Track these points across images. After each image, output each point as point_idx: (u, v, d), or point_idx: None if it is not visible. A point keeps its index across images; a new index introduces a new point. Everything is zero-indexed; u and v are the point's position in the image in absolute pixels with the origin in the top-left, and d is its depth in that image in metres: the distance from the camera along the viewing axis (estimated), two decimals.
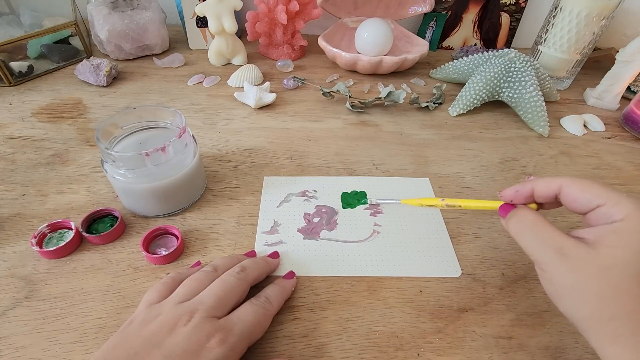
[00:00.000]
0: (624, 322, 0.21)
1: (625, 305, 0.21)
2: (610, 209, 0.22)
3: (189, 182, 0.36)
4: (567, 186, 0.24)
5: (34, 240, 0.32)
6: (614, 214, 0.22)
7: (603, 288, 0.21)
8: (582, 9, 0.54)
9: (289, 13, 0.61)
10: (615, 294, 0.21)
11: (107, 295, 0.30)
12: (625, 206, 0.22)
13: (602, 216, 0.23)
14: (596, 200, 0.23)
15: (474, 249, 0.36)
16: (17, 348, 0.27)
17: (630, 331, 0.20)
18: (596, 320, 0.21)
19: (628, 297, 0.21)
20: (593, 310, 0.22)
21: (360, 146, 0.48)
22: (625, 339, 0.20)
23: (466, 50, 0.71)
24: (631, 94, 0.61)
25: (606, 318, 0.21)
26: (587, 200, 0.24)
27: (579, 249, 0.22)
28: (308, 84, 0.60)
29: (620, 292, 0.21)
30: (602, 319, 0.21)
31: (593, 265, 0.22)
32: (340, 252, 0.35)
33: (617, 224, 0.22)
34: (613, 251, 0.21)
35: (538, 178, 0.26)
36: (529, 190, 0.26)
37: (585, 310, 0.22)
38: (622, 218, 0.22)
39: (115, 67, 0.58)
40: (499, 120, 0.54)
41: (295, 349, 0.28)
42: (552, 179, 0.25)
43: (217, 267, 0.29)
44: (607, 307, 0.21)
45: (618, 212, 0.22)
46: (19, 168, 0.42)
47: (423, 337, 0.29)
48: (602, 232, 0.22)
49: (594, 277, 0.21)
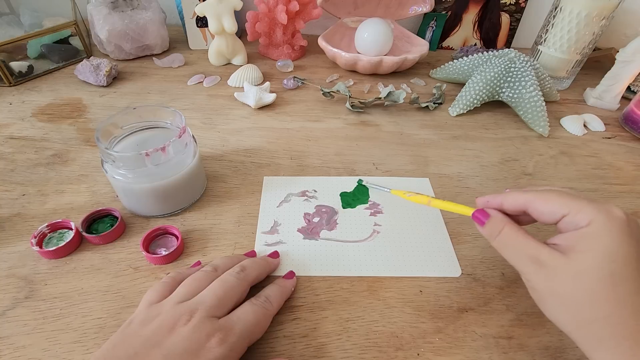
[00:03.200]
0: (602, 326, 0.21)
1: (602, 310, 0.21)
2: (575, 217, 0.23)
3: (189, 182, 0.36)
4: (532, 202, 0.25)
5: (34, 240, 0.32)
6: (579, 221, 0.23)
7: (579, 294, 0.22)
8: (582, 9, 0.54)
9: (289, 13, 0.61)
10: (591, 298, 0.21)
11: (107, 295, 0.30)
12: (588, 212, 0.23)
13: (569, 225, 0.24)
14: (560, 211, 0.24)
15: (474, 249, 0.36)
16: (17, 348, 0.27)
17: (610, 335, 0.21)
18: (577, 326, 0.22)
19: (603, 301, 0.21)
20: (573, 316, 0.22)
21: (360, 146, 0.48)
22: (607, 343, 0.21)
23: (466, 50, 0.71)
24: (631, 94, 0.60)
25: (586, 323, 0.22)
26: (551, 212, 0.24)
27: (553, 257, 0.23)
28: (308, 84, 0.60)
29: (596, 297, 0.21)
30: (582, 324, 0.22)
31: (567, 272, 0.22)
32: (340, 252, 0.35)
33: (583, 230, 0.23)
34: (583, 256, 0.22)
35: (512, 191, 0.27)
36: (498, 204, 0.27)
37: (566, 316, 0.23)
38: (587, 223, 0.22)
39: (115, 67, 0.58)
40: (499, 120, 0.54)
41: (295, 349, 0.28)
42: (520, 195, 0.26)
43: (217, 267, 0.29)
44: (585, 312, 0.22)
45: (582, 219, 0.23)
46: (19, 168, 0.42)
47: (423, 337, 0.29)
48: (572, 238, 0.23)
49: (569, 283, 0.22)
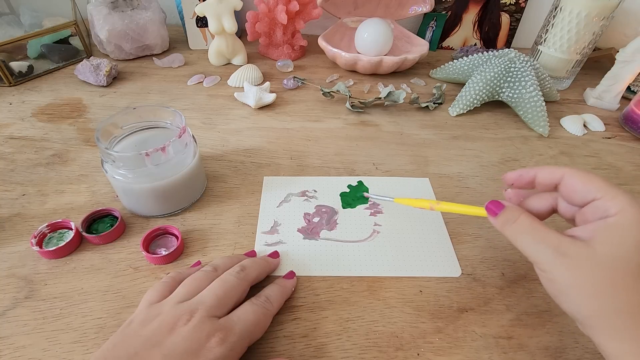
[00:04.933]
0: (627, 317, 0.21)
1: (627, 300, 0.21)
2: (606, 202, 0.23)
3: (189, 182, 0.36)
4: (570, 176, 0.25)
5: (34, 240, 0.32)
6: (609, 208, 0.23)
7: (604, 284, 0.21)
8: (582, 9, 0.54)
9: (289, 13, 0.61)
10: (616, 289, 0.21)
11: (107, 295, 0.30)
12: (620, 201, 0.22)
13: (597, 210, 0.23)
14: (594, 193, 0.23)
15: (474, 249, 0.36)
16: (17, 348, 0.27)
17: (633, 325, 0.21)
18: (599, 317, 0.22)
19: (631, 291, 0.21)
20: (596, 307, 0.22)
21: (360, 146, 0.48)
22: (629, 333, 0.21)
23: (466, 50, 0.71)
24: (631, 94, 0.61)
25: (609, 314, 0.21)
26: (586, 192, 0.24)
27: (577, 247, 0.22)
28: (308, 84, 0.60)
29: (621, 288, 0.21)
30: (605, 315, 0.21)
31: (591, 262, 0.22)
32: (340, 252, 0.35)
33: (611, 219, 0.22)
34: (609, 248, 0.22)
35: (546, 166, 0.27)
36: (531, 176, 0.27)
37: (588, 307, 0.22)
38: (616, 212, 0.22)
39: (115, 67, 0.58)
40: (499, 120, 0.54)
41: (295, 349, 0.28)
42: (556, 167, 0.26)
43: (217, 267, 0.29)
44: (609, 303, 0.21)
45: (613, 207, 0.22)
46: (19, 168, 0.42)
47: (423, 337, 0.29)
48: (597, 229, 0.23)
49: (593, 274, 0.22)
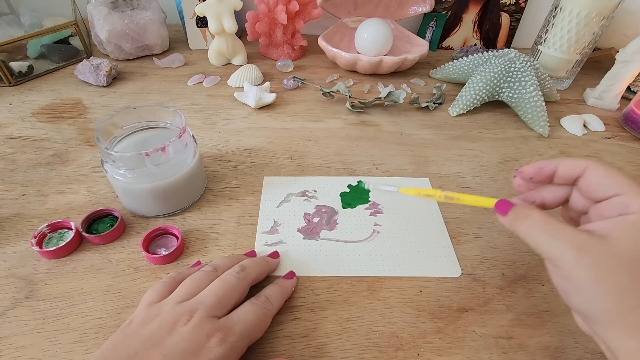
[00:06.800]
0: None
1: None
2: (629, 199, 0.22)
3: (189, 182, 0.36)
4: (594, 169, 0.24)
5: (34, 240, 0.32)
6: (630, 205, 0.22)
7: (624, 280, 0.21)
8: (582, 9, 0.54)
9: (289, 13, 0.61)
10: (636, 286, 0.21)
11: (107, 295, 0.30)
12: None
13: (617, 206, 0.23)
14: (616, 189, 0.23)
15: (474, 249, 0.36)
16: (17, 348, 0.27)
17: None
18: (617, 313, 0.21)
19: None
20: (614, 303, 0.21)
21: (360, 146, 0.48)
22: None
23: (466, 50, 0.71)
24: (631, 94, 0.60)
25: (627, 310, 0.21)
26: (607, 186, 0.23)
27: (595, 243, 0.22)
28: (308, 84, 0.60)
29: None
30: (623, 311, 0.21)
31: (610, 258, 0.22)
32: (340, 252, 0.35)
33: (631, 217, 0.22)
34: (628, 245, 0.21)
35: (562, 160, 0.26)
36: (552, 169, 0.26)
37: (605, 303, 0.22)
38: (637, 210, 0.22)
39: (115, 67, 0.58)
40: (499, 120, 0.54)
41: (295, 349, 0.28)
42: (579, 160, 0.25)
43: (217, 267, 0.29)
44: (628, 299, 0.21)
45: (635, 204, 0.22)
46: (19, 168, 0.42)
47: (423, 337, 0.29)
48: (616, 225, 0.22)
49: (612, 270, 0.21)
